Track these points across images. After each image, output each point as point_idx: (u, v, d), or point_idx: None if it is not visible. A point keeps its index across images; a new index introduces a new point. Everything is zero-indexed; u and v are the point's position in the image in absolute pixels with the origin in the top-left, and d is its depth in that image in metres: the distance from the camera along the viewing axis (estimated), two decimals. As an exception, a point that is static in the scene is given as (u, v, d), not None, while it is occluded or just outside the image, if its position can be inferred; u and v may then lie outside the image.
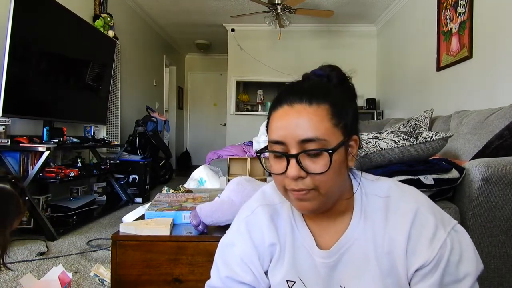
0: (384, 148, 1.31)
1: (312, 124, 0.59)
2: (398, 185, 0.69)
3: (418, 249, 0.61)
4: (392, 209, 0.65)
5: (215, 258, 0.75)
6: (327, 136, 0.59)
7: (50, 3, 2.83)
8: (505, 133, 1.56)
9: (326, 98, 0.61)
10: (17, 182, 1.06)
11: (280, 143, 0.61)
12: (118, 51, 4.15)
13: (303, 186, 0.60)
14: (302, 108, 0.60)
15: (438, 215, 0.64)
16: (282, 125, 0.61)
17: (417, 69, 4.00)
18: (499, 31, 2.56)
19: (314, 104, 0.60)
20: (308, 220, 0.71)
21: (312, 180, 0.60)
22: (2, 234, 0.99)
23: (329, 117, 0.60)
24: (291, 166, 0.59)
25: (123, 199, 3.74)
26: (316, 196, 0.61)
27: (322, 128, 0.59)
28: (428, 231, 0.61)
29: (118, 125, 4.25)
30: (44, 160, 2.52)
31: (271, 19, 4.29)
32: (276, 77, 5.73)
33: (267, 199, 0.76)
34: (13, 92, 2.49)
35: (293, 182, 0.60)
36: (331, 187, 0.61)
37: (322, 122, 0.60)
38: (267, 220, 0.72)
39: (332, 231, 0.68)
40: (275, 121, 0.63)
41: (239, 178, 1.28)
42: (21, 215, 1.05)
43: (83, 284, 1.74)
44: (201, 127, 7.97)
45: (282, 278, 0.70)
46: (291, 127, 0.60)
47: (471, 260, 0.61)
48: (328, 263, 0.67)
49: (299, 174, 0.59)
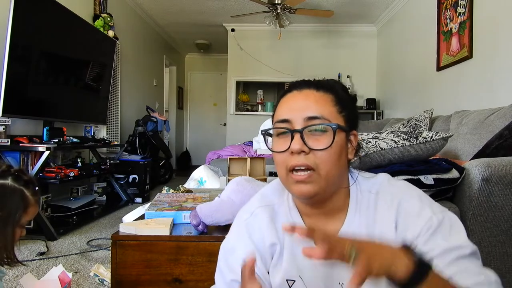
0: (384, 148, 1.31)
1: (318, 105, 0.64)
2: (389, 181, 0.70)
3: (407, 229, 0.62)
4: (379, 204, 0.67)
5: (218, 263, 0.76)
6: (330, 117, 0.64)
7: (50, 3, 2.83)
8: (505, 133, 1.56)
9: (331, 90, 0.67)
10: (21, 174, 1.05)
11: (286, 121, 0.65)
12: (118, 51, 4.15)
13: (305, 161, 0.62)
14: (309, 92, 0.66)
15: (426, 201, 0.65)
16: (289, 106, 0.66)
17: (417, 69, 4.00)
18: (499, 31, 2.56)
19: (321, 90, 0.66)
20: (306, 218, 0.72)
21: (313, 158, 0.62)
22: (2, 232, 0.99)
23: (333, 103, 0.66)
24: (295, 141, 0.62)
25: (123, 199, 3.74)
26: (315, 178, 0.62)
27: (327, 110, 0.64)
28: (413, 211, 0.63)
29: (118, 125, 4.25)
30: (44, 160, 2.52)
31: (271, 19, 4.28)
32: (276, 77, 5.73)
33: (265, 200, 0.77)
34: (13, 92, 2.49)
35: (295, 158, 0.62)
36: (331, 169, 0.63)
37: (327, 105, 0.65)
38: (267, 221, 0.73)
39: (330, 229, 0.69)
40: (283, 104, 0.68)
41: (239, 178, 1.28)
42: (30, 208, 1.04)
43: (83, 284, 1.74)
44: (201, 127, 7.97)
45: (282, 278, 0.71)
46: (298, 107, 0.65)
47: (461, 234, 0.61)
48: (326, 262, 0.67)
49: (301, 148, 0.62)
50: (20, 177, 1.04)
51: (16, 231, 1.03)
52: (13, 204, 1.01)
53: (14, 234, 1.02)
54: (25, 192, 1.03)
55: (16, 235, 1.03)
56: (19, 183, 1.03)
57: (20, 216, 1.02)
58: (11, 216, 1.00)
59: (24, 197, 1.02)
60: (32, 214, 1.06)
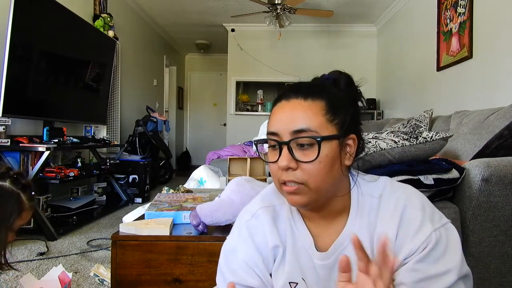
0: (384, 148, 1.31)
1: (306, 117, 0.62)
2: (392, 184, 0.69)
3: (404, 244, 0.62)
4: (382, 208, 0.66)
5: (219, 265, 0.75)
6: (319, 129, 0.61)
7: (50, 3, 2.83)
8: (505, 133, 1.56)
9: (322, 95, 0.64)
10: (20, 177, 1.03)
11: (275, 134, 0.64)
12: (118, 51, 4.15)
13: (293, 178, 0.62)
14: (297, 102, 0.63)
15: (428, 212, 0.64)
16: (277, 118, 0.65)
17: (417, 69, 4.00)
18: (499, 31, 2.56)
19: (309, 99, 0.63)
20: (307, 221, 0.71)
21: (302, 173, 0.61)
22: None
23: (323, 112, 0.62)
24: (282, 155, 0.62)
25: (123, 199, 3.74)
26: (306, 191, 0.62)
27: (314, 121, 0.62)
28: (414, 226, 0.62)
29: (118, 125, 4.25)
30: (44, 160, 2.52)
31: (271, 19, 4.28)
32: (276, 77, 5.73)
33: (266, 201, 0.76)
34: (13, 92, 2.49)
35: (284, 173, 0.62)
36: (321, 182, 0.62)
37: (316, 115, 0.62)
38: (269, 223, 0.72)
39: (331, 232, 0.68)
40: (273, 116, 0.66)
41: (239, 178, 1.28)
42: (24, 213, 1.03)
43: (83, 284, 1.74)
44: (201, 127, 7.97)
45: (285, 280, 0.70)
46: (285, 119, 0.63)
47: (455, 257, 0.61)
48: (326, 265, 0.67)
49: (289, 164, 0.61)
50: (18, 180, 1.02)
51: (8, 235, 1.01)
52: (8, 207, 0.99)
53: (6, 238, 1.00)
54: (21, 196, 1.01)
55: (8, 239, 1.01)
56: (17, 187, 1.01)
57: (13, 220, 1.00)
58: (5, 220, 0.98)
59: (20, 201, 1.01)
60: (25, 219, 1.04)
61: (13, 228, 1.02)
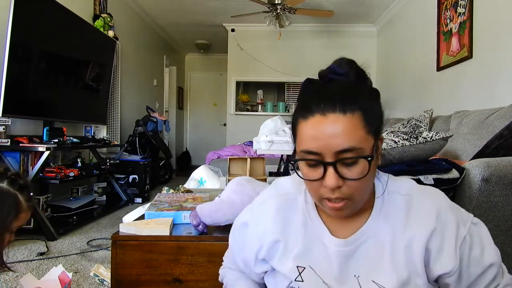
0: (384, 148, 1.31)
1: (348, 134, 0.57)
2: (418, 185, 0.70)
3: (442, 254, 0.63)
4: (414, 206, 0.66)
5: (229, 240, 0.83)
6: (362, 144, 0.58)
7: (50, 3, 2.83)
8: (505, 133, 1.56)
9: (358, 105, 0.59)
10: (18, 178, 1.02)
11: (315, 153, 0.59)
12: (118, 51, 4.15)
13: (339, 195, 0.60)
14: (336, 118, 0.58)
15: (457, 212, 0.66)
16: (315, 135, 0.59)
17: (417, 69, 4.00)
18: (499, 31, 2.56)
19: (348, 113, 0.58)
20: (323, 214, 0.71)
21: (347, 188, 0.60)
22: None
23: (363, 125, 0.59)
24: (329, 176, 0.59)
25: (123, 199, 3.74)
26: (350, 204, 0.62)
27: (357, 137, 0.58)
28: (451, 231, 0.63)
29: (118, 125, 4.25)
30: (44, 160, 2.52)
31: (271, 19, 4.28)
32: (276, 77, 5.74)
33: (280, 189, 0.76)
34: (13, 92, 2.49)
35: (330, 191, 0.60)
36: (365, 193, 0.63)
37: (357, 130, 0.58)
38: (273, 214, 0.72)
39: (351, 225, 0.68)
40: (306, 130, 0.60)
41: (239, 178, 1.28)
42: (22, 214, 1.02)
43: (83, 284, 1.74)
44: (201, 127, 7.97)
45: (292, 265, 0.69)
46: (326, 138, 0.58)
47: (493, 249, 0.64)
48: (343, 252, 0.67)
49: (337, 184, 0.59)
50: (16, 181, 1.01)
51: (5, 236, 1.00)
52: (5, 208, 0.98)
53: (3, 239, 0.99)
54: (19, 197, 1.00)
55: (5, 240, 1.01)
56: (14, 188, 1.00)
57: (11, 221, 0.99)
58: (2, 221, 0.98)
59: (17, 202, 1.00)
60: (23, 220, 1.04)
61: (10, 229, 1.01)
